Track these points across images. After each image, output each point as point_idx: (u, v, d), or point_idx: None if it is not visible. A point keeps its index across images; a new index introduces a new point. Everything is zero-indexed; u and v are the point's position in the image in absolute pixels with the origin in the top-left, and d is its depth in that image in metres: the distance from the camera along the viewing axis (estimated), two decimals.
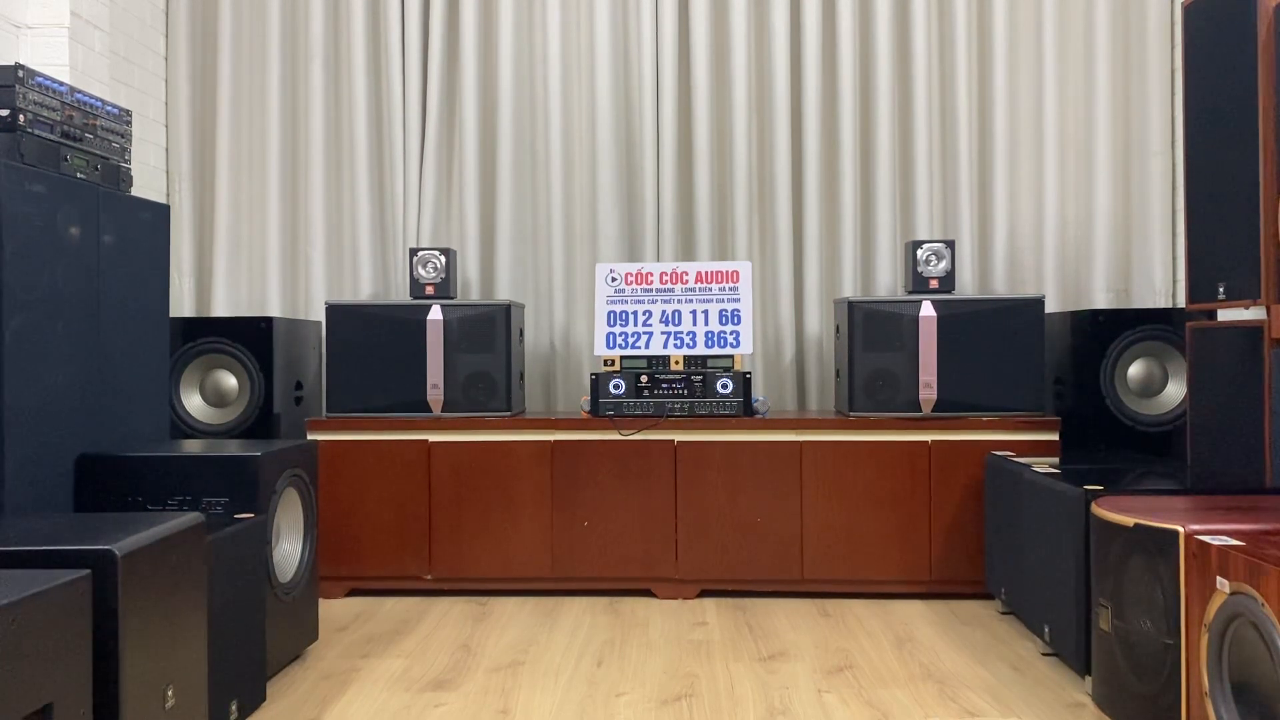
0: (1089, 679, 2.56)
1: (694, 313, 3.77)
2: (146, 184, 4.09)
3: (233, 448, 2.74)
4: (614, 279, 3.83)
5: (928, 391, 3.60)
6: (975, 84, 4.22)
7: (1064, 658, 2.74)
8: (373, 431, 3.64)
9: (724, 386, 3.65)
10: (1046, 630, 2.83)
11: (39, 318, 2.43)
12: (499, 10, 4.24)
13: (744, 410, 3.65)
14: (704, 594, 3.65)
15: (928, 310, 3.61)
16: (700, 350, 3.73)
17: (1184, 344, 3.53)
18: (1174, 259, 4.12)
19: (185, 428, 3.71)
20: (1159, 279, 4.12)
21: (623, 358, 3.73)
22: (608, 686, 2.72)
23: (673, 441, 3.61)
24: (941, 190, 4.22)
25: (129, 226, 2.84)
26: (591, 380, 3.68)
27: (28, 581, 1.56)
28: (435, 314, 3.71)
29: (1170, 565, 2.10)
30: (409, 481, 3.63)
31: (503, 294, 4.23)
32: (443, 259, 3.86)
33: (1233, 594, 1.88)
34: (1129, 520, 2.26)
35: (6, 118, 2.44)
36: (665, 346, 3.75)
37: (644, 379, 3.67)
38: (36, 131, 2.50)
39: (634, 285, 3.81)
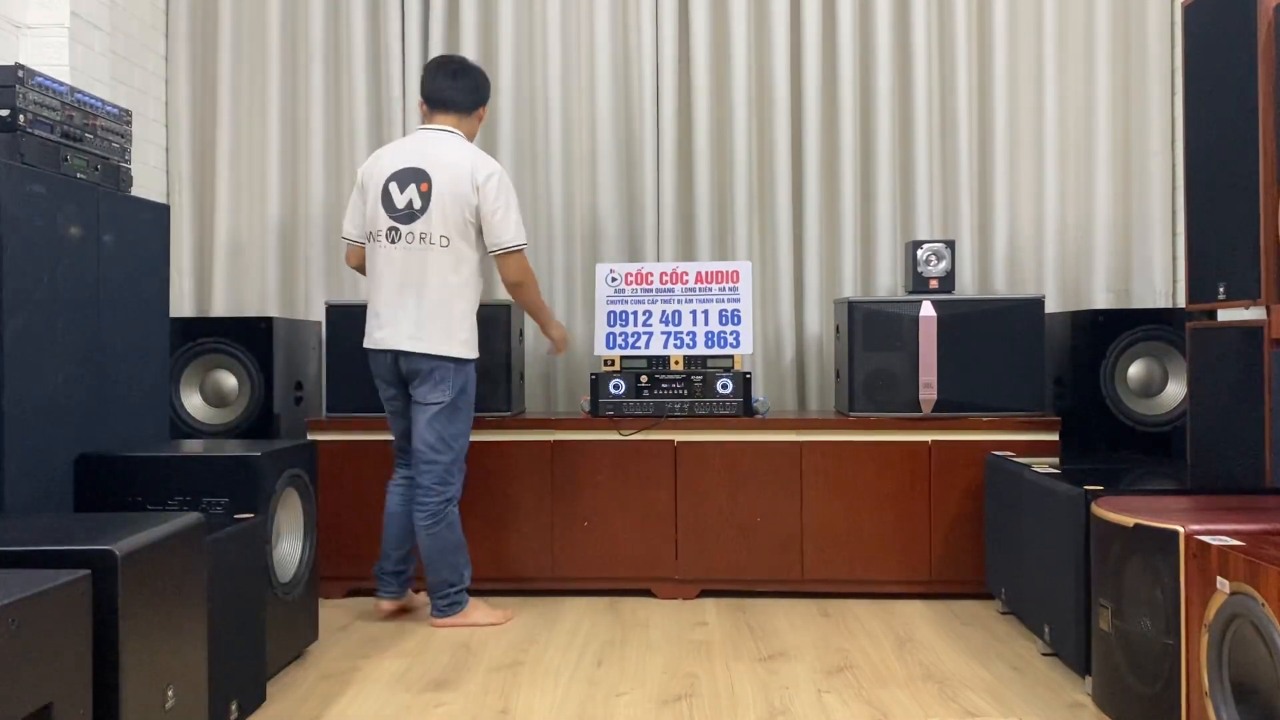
0: (1089, 679, 2.56)
1: (694, 313, 3.77)
2: (146, 184, 4.08)
3: (232, 448, 2.74)
4: (614, 279, 3.83)
5: (928, 391, 3.59)
6: (975, 84, 4.21)
7: (1064, 658, 2.74)
8: (373, 432, 3.64)
9: (724, 386, 3.65)
10: (1046, 630, 2.83)
11: (39, 318, 2.43)
12: (499, 10, 4.23)
13: (744, 410, 3.65)
14: (704, 594, 3.65)
15: (928, 310, 3.61)
16: (700, 350, 3.73)
17: (1184, 344, 3.53)
18: (1174, 259, 4.12)
19: (185, 428, 3.71)
20: (1159, 279, 4.12)
21: (623, 358, 3.73)
22: (608, 686, 2.72)
23: (673, 441, 3.61)
24: (941, 190, 4.22)
25: (129, 226, 2.84)
26: (591, 380, 3.68)
27: (28, 581, 1.55)
28: None
29: (1170, 565, 2.10)
30: None
31: (503, 294, 4.22)
32: None
33: (1233, 594, 1.88)
34: (1129, 520, 2.26)
35: (6, 118, 2.44)
36: (665, 346, 3.75)
37: (644, 379, 3.67)
38: (36, 131, 2.50)
39: (634, 285, 3.81)
